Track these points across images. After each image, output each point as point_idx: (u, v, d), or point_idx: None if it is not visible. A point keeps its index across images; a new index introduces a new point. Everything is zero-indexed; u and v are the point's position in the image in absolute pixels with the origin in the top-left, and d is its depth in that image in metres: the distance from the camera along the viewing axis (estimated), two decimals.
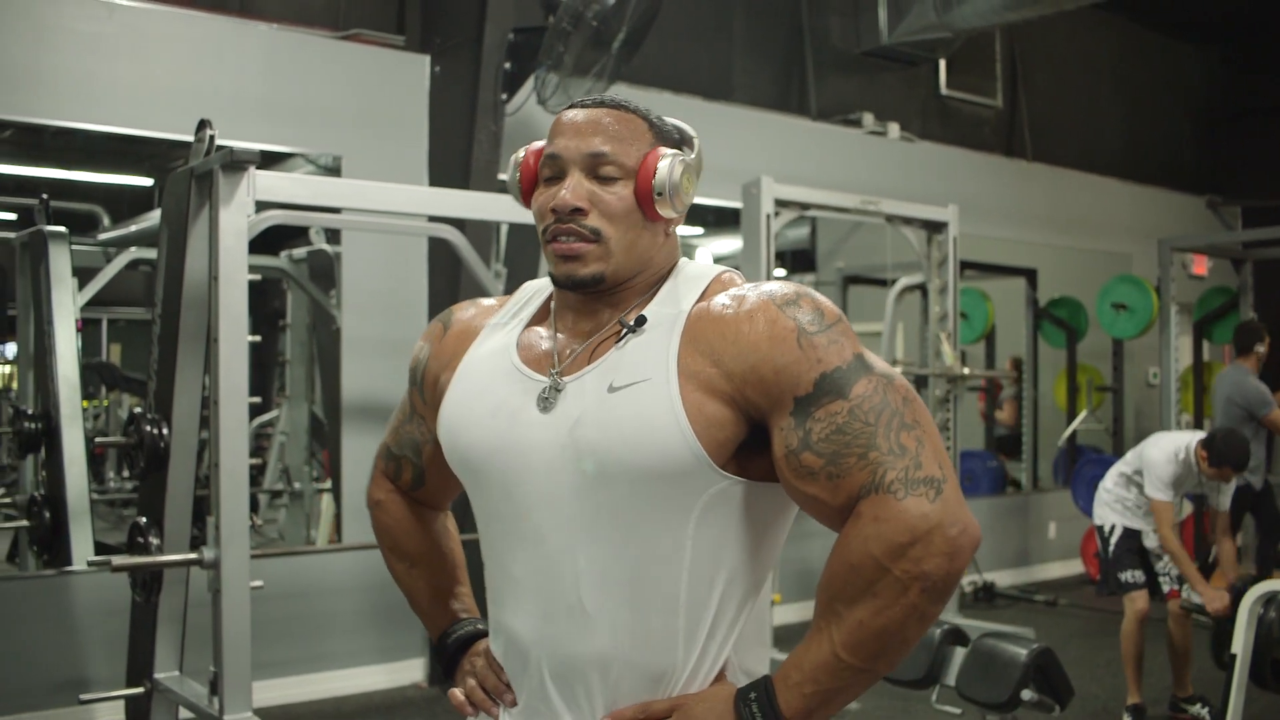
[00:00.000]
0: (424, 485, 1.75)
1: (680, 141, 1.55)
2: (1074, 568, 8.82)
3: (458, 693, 1.62)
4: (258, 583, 3.84)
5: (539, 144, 1.56)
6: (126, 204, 6.01)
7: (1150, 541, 5.28)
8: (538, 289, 1.62)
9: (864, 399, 1.34)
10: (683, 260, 1.55)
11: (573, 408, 1.42)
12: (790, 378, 1.35)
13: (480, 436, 1.48)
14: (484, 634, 1.66)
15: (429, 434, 1.66)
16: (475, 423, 1.50)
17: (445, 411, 1.55)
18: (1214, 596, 4.86)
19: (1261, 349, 6.39)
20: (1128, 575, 5.23)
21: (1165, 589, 5.24)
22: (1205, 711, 5.21)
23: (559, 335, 1.52)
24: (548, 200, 1.47)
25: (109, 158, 5.56)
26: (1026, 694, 2.95)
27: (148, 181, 6.17)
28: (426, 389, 1.65)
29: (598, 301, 1.50)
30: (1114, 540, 5.30)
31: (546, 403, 1.44)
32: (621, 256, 1.46)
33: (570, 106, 1.52)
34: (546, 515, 1.42)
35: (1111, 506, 5.37)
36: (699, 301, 1.45)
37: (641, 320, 1.44)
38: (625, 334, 1.44)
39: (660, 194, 1.46)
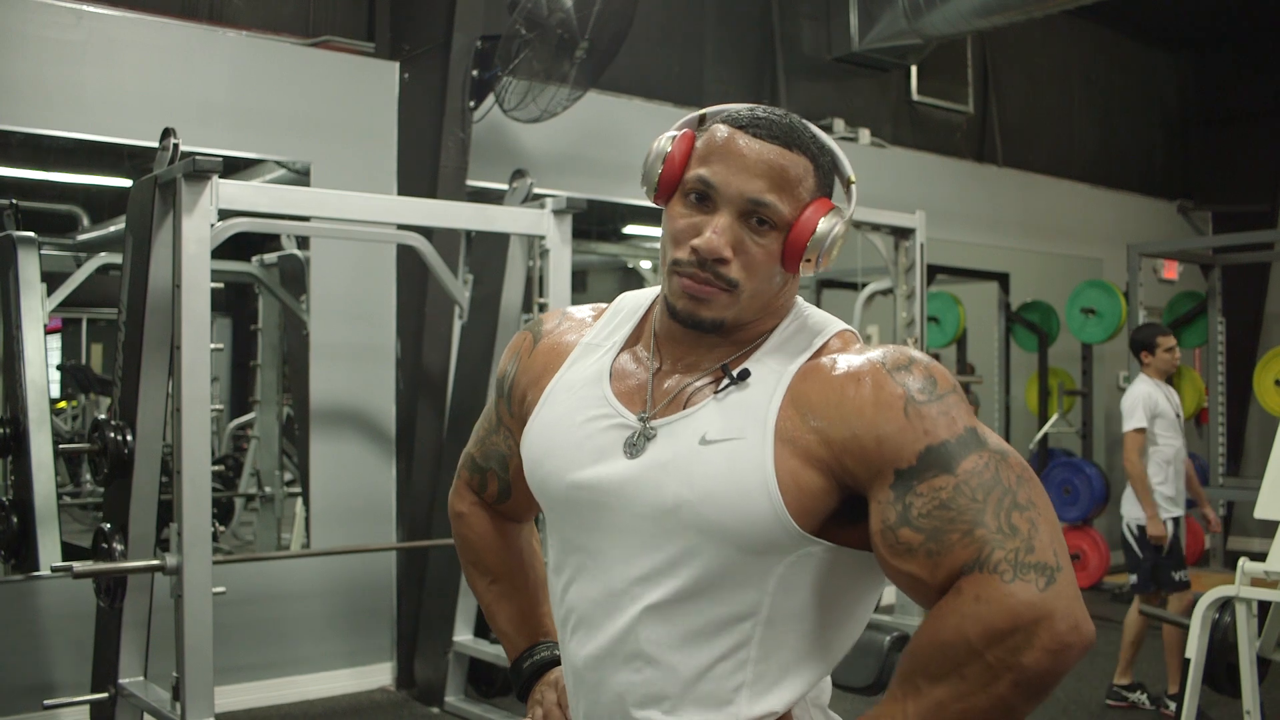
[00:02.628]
0: (509, 499, 1.68)
1: (840, 181, 1.46)
2: None
3: None
4: (220, 589, 3.87)
5: (686, 130, 1.44)
6: (108, 204, 6.01)
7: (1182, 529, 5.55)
8: (635, 305, 1.54)
9: (973, 475, 1.25)
10: (801, 305, 1.47)
11: (662, 453, 1.36)
12: (893, 449, 1.27)
13: (562, 467, 1.43)
14: (559, 660, 1.61)
15: (515, 448, 1.60)
16: (559, 452, 1.44)
17: (531, 433, 1.49)
18: (1156, 525, 5.41)
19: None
20: (1180, 575, 5.47)
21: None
22: (1144, 698, 5.36)
23: (659, 367, 1.45)
24: (690, 232, 1.37)
25: (86, 159, 5.56)
26: None
27: (127, 183, 6.20)
28: (514, 403, 1.59)
29: (709, 339, 1.42)
30: (1168, 537, 5.47)
31: (634, 449, 1.38)
32: (747, 304, 1.38)
33: (738, 125, 1.38)
34: (618, 555, 1.38)
35: (1159, 500, 5.52)
36: (810, 359, 1.38)
37: (745, 374, 1.37)
38: (726, 384, 1.37)
39: (809, 259, 1.38)
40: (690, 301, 1.38)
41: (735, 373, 1.37)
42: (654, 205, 1.44)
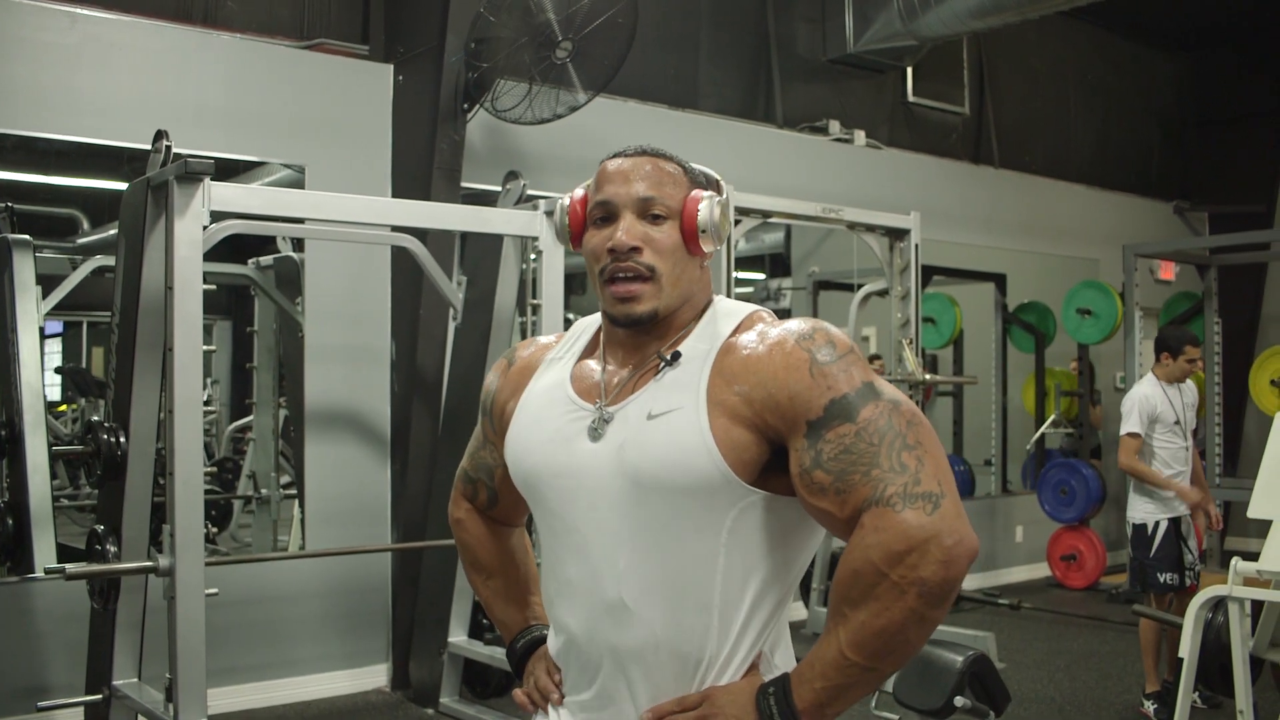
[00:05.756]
0: (498, 505, 1.91)
1: (709, 185, 1.72)
2: (1039, 571, 8.88)
3: (519, 693, 1.78)
4: (212, 590, 3.87)
5: (580, 191, 1.71)
6: (108, 208, 6.01)
7: (1186, 528, 5.57)
8: (588, 325, 1.78)
9: (870, 422, 1.48)
10: (719, 298, 1.70)
11: (618, 433, 1.59)
12: (803, 403, 1.50)
13: (539, 460, 1.66)
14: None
15: (499, 459, 1.82)
16: (535, 448, 1.67)
17: (511, 438, 1.72)
18: (1192, 493, 5.51)
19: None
20: (1167, 577, 5.46)
21: (1187, 583, 5.44)
22: (1152, 708, 5.30)
23: (609, 366, 1.68)
24: (603, 241, 1.63)
25: (84, 162, 5.56)
26: (960, 701, 2.99)
27: (125, 186, 6.22)
28: (495, 418, 1.82)
29: (644, 335, 1.65)
30: (1158, 538, 5.49)
31: (595, 432, 1.61)
32: (670, 290, 1.62)
33: (613, 156, 1.69)
34: (594, 527, 1.59)
35: (1152, 500, 5.55)
36: (730, 337, 1.60)
37: (676, 355, 1.60)
38: (663, 367, 1.60)
39: (704, 231, 1.62)
40: (624, 303, 1.61)
41: (669, 356, 1.61)
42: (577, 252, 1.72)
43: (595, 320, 1.77)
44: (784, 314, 6.67)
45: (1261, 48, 10.27)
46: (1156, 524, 5.50)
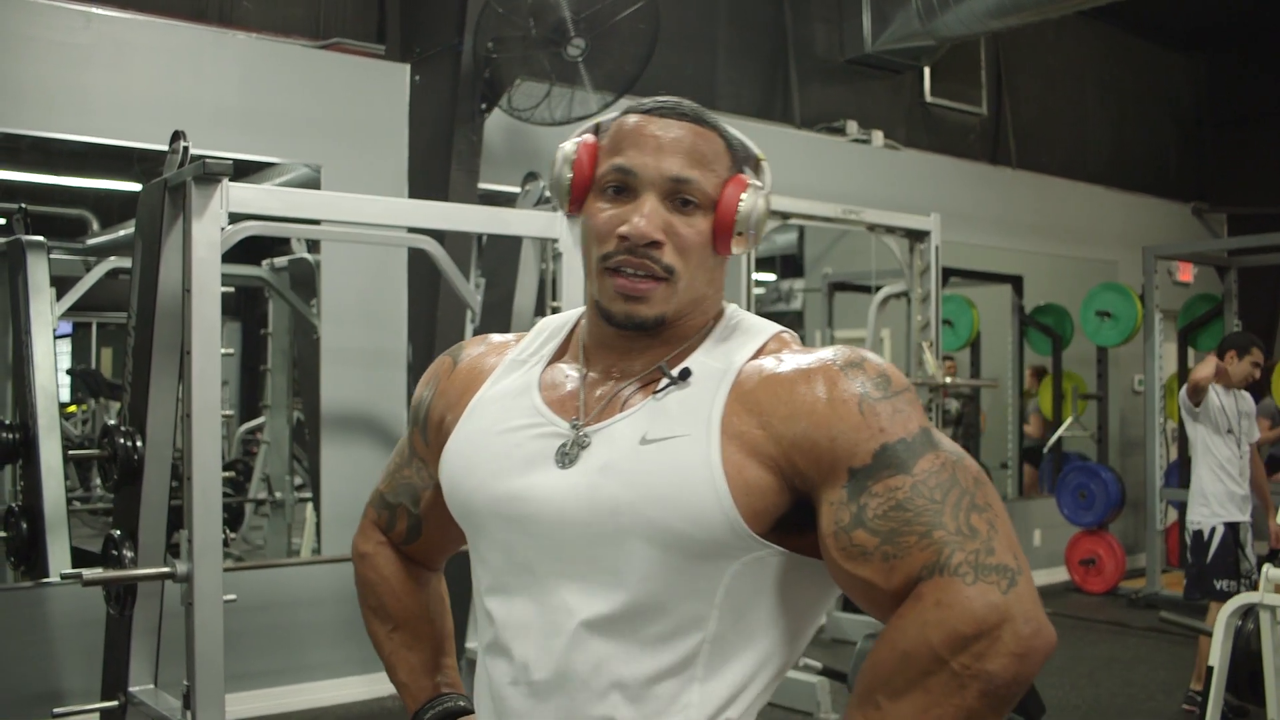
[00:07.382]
0: (419, 538, 1.57)
1: (750, 162, 1.39)
2: (1059, 575, 8.82)
3: None
4: (230, 596, 3.82)
5: (588, 136, 1.38)
6: (117, 208, 5.99)
7: (1243, 534, 5.53)
8: (559, 325, 1.46)
9: (930, 474, 1.19)
10: (733, 308, 1.40)
11: (598, 458, 1.28)
12: (847, 447, 1.21)
13: (485, 481, 1.33)
14: (464, 711, 1.51)
15: (429, 479, 1.50)
16: (482, 466, 1.34)
17: (450, 451, 1.39)
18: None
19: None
20: (1224, 584, 5.40)
21: (1243, 590, 5.35)
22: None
23: (590, 375, 1.37)
24: (614, 223, 1.30)
25: (95, 163, 5.54)
26: None
27: (137, 187, 6.19)
28: (430, 430, 1.48)
29: (640, 341, 1.34)
30: (1215, 544, 5.44)
31: (567, 457, 1.29)
32: (684, 294, 1.32)
33: (643, 111, 1.35)
34: (550, 570, 1.28)
35: (1209, 505, 5.50)
36: (753, 358, 1.31)
37: (686, 373, 1.30)
38: (666, 385, 1.30)
39: (741, 232, 1.31)
40: (628, 302, 1.30)
41: (676, 371, 1.30)
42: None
43: (566, 319, 1.46)
44: (797, 316, 6.63)
45: (1279, 47, 10.21)
46: (1213, 530, 5.46)
